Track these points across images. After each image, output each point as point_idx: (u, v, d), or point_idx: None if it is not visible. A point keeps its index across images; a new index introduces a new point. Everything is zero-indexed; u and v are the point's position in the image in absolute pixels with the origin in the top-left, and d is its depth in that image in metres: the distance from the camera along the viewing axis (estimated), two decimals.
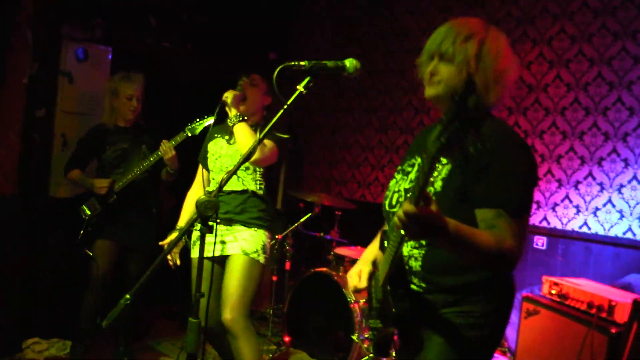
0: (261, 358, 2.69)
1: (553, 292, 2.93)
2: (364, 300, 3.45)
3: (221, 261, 2.77)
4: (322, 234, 4.25)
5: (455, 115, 1.14)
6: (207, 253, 2.58)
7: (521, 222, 1.47)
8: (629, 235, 3.43)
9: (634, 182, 3.43)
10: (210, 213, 1.72)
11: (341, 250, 3.92)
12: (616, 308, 2.58)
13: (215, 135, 2.89)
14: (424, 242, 1.61)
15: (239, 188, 2.79)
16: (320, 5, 5.56)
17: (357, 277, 1.78)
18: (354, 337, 3.32)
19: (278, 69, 1.87)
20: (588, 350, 2.61)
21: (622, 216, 3.47)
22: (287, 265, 4.24)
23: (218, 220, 2.00)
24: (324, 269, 3.71)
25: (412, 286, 1.65)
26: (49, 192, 3.78)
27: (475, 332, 1.58)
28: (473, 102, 1.27)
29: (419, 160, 1.69)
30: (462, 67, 1.53)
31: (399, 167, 1.80)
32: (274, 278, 4.29)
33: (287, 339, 3.81)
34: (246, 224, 2.76)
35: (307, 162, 5.61)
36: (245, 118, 2.71)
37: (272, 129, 1.89)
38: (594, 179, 3.60)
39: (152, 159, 3.29)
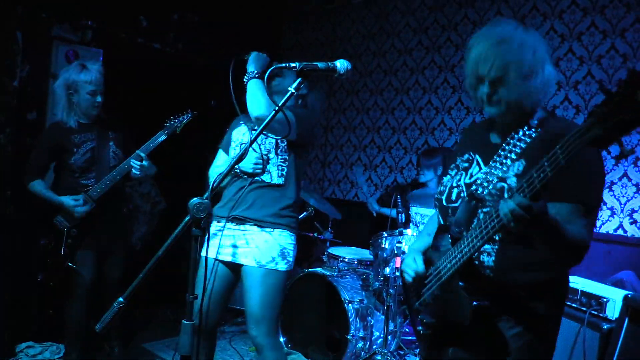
0: None
1: None
2: (358, 300, 3.46)
3: (232, 266, 2.51)
4: (315, 234, 4.25)
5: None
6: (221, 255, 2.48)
7: (594, 217, 1.60)
8: (620, 232, 3.45)
9: (625, 180, 3.46)
10: (202, 215, 1.65)
11: (335, 250, 3.93)
12: (608, 304, 2.61)
13: (241, 122, 2.64)
14: (497, 238, 1.64)
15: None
16: (311, 4, 5.56)
17: (414, 263, 1.82)
18: (348, 337, 3.33)
19: (269, 70, 1.88)
20: (580, 347, 2.62)
21: (613, 214, 3.49)
22: None
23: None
24: (318, 269, 3.71)
25: (481, 282, 1.67)
26: None
27: (536, 332, 1.65)
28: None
29: (477, 156, 1.76)
30: (518, 82, 1.58)
31: (452, 164, 1.85)
32: None
33: (281, 339, 3.81)
34: (261, 223, 2.45)
35: None
36: (258, 76, 2.36)
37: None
38: None
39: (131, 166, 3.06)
